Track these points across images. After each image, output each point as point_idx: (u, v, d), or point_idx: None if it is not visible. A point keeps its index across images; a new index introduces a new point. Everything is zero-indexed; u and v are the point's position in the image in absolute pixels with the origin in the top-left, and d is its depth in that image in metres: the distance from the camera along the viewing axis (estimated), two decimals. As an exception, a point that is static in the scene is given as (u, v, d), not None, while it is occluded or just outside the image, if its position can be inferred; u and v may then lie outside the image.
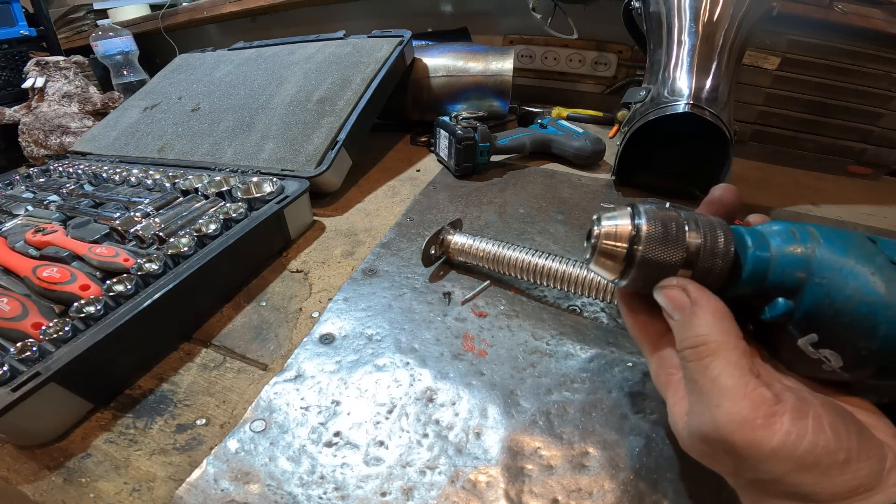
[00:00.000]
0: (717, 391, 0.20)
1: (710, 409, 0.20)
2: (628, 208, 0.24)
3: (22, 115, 0.79)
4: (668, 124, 0.51)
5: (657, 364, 0.25)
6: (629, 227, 0.23)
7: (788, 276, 0.21)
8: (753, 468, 0.19)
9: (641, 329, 0.27)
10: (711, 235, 0.22)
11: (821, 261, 0.21)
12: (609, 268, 0.24)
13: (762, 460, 0.19)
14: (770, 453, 0.18)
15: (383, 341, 0.37)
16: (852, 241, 0.21)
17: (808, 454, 0.18)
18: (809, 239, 0.22)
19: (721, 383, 0.20)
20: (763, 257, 0.22)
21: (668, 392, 0.24)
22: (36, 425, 0.29)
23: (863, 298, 0.19)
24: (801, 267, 0.21)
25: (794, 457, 0.18)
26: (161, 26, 1.14)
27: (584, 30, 0.82)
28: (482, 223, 0.53)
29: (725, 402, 0.19)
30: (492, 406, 0.31)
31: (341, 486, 0.27)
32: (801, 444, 0.18)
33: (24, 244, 0.43)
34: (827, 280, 0.20)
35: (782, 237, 0.22)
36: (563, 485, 0.27)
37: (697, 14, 0.52)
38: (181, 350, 0.37)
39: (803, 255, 0.21)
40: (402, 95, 0.76)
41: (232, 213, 0.45)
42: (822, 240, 0.21)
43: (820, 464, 0.18)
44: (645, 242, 0.23)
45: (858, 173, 0.67)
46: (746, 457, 0.19)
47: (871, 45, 0.62)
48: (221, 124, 0.66)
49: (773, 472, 0.19)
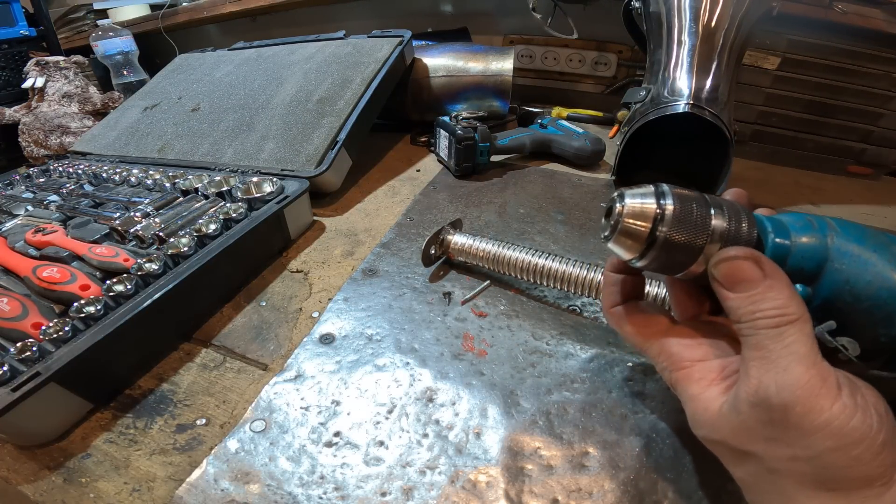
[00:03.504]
0: (789, 357, 0.20)
1: (778, 372, 0.20)
2: (652, 187, 0.23)
3: (22, 115, 0.79)
4: (668, 124, 0.51)
5: (666, 360, 0.25)
6: (654, 207, 0.22)
7: (808, 262, 0.21)
8: (796, 441, 0.19)
9: (640, 331, 0.27)
10: (736, 220, 0.22)
11: (839, 248, 0.21)
12: (629, 247, 0.23)
13: (811, 432, 0.19)
14: (823, 424, 0.18)
15: (383, 341, 0.37)
16: (868, 232, 0.21)
17: (855, 431, 0.18)
18: (827, 228, 0.22)
19: (794, 349, 0.20)
20: (783, 244, 0.22)
21: (689, 384, 0.24)
22: (36, 425, 0.29)
23: (883, 283, 0.20)
24: (820, 254, 0.21)
25: (841, 432, 0.18)
26: (161, 26, 1.14)
27: (584, 30, 0.82)
28: (482, 223, 0.53)
29: (796, 367, 0.19)
30: (492, 406, 0.31)
31: (341, 486, 0.27)
32: (851, 420, 0.18)
33: (24, 244, 0.43)
34: (846, 266, 0.21)
35: (801, 225, 0.22)
36: (563, 485, 0.27)
37: (697, 14, 0.52)
38: (181, 350, 0.37)
39: (822, 243, 0.21)
40: (402, 95, 0.76)
41: (232, 213, 0.45)
42: (840, 229, 0.22)
43: (861, 443, 0.18)
44: (670, 224, 0.22)
45: (858, 173, 0.67)
46: (797, 426, 0.19)
47: (871, 45, 0.62)
48: (221, 124, 0.66)
49: (815, 447, 0.19)
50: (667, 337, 0.26)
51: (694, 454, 0.28)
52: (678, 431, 0.29)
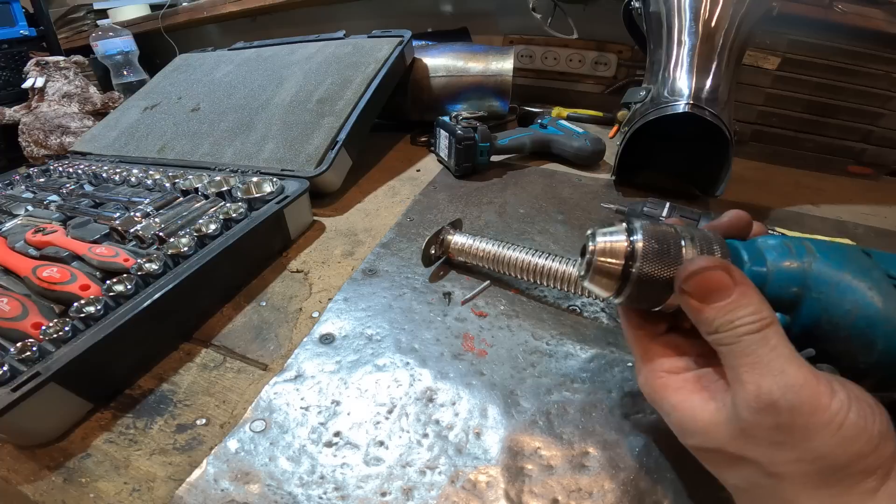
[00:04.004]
0: (780, 359, 0.20)
1: (776, 375, 0.19)
2: (623, 224, 0.24)
3: (22, 115, 0.79)
4: (669, 124, 0.51)
5: (648, 371, 0.25)
6: (625, 244, 0.23)
7: (785, 291, 0.21)
8: (801, 442, 0.19)
9: (633, 334, 0.27)
10: (707, 250, 0.22)
11: (818, 275, 0.21)
12: (605, 285, 0.24)
13: (817, 430, 0.19)
14: (826, 422, 0.18)
15: (383, 341, 0.37)
16: (848, 256, 0.21)
17: (854, 426, 0.18)
18: (805, 253, 0.21)
19: (781, 351, 0.20)
20: (759, 272, 0.22)
21: (668, 394, 0.24)
22: (36, 425, 0.29)
23: (861, 313, 0.19)
24: (797, 282, 0.21)
25: (842, 428, 0.18)
26: (161, 26, 1.14)
27: (584, 30, 0.82)
28: (482, 223, 0.53)
29: (789, 368, 0.19)
30: (492, 406, 0.31)
31: (341, 486, 0.27)
32: (849, 415, 0.18)
33: (24, 244, 0.43)
34: (824, 295, 0.20)
35: (778, 251, 0.22)
36: (563, 485, 0.27)
37: (697, 14, 0.52)
38: (181, 350, 0.37)
39: (800, 269, 0.21)
40: (402, 95, 0.76)
41: (232, 213, 0.45)
42: (819, 254, 0.21)
43: (861, 437, 0.18)
44: (641, 259, 0.22)
45: (858, 173, 0.67)
46: (803, 427, 0.19)
47: (871, 45, 0.62)
48: (221, 124, 0.66)
49: (820, 446, 0.19)
50: (653, 343, 0.26)
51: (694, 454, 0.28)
52: (678, 431, 0.29)
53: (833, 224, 0.54)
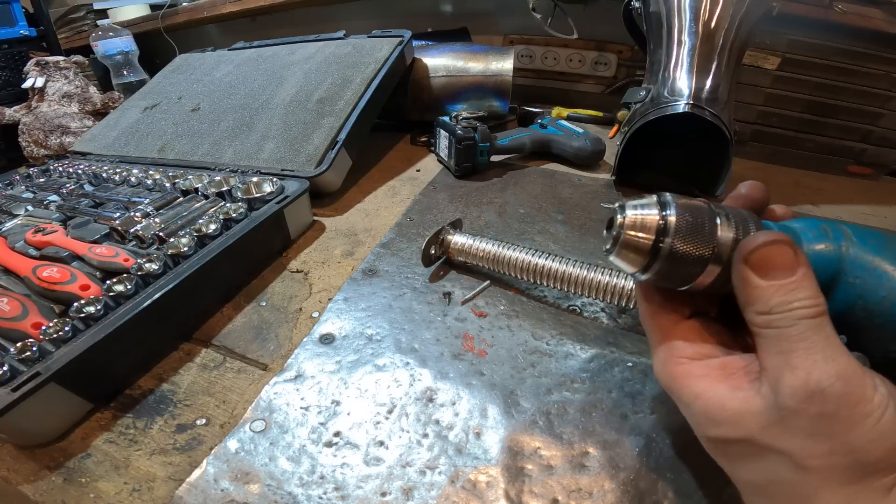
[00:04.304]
0: (832, 347, 0.19)
1: (828, 362, 0.19)
2: (654, 196, 0.22)
3: (22, 115, 0.79)
4: (669, 124, 0.51)
5: (667, 356, 0.24)
6: (657, 218, 0.21)
7: (820, 274, 0.20)
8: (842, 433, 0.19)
9: (653, 317, 0.25)
10: (744, 229, 0.21)
11: (854, 260, 0.20)
12: (632, 260, 0.22)
13: (860, 421, 0.18)
14: (867, 413, 0.18)
15: (383, 341, 0.37)
16: (886, 241, 0.20)
17: (890, 422, 0.18)
18: (842, 237, 0.21)
19: (833, 340, 0.19)
20: None
21: (690, 380, 0.23)
22: (36, 425, 0.29)
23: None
24: (833, 265, 0.20)
25: (879, 425, 0.18)
26: (161, 26, 1.14)
27: (584, 30, 0.82)
28: (482, 223, 0.53)
29: (841, 357, 0.19)
30: (492, 406, 0.31)
31: (341, 486, 0.27)
32: (887, 410, 0.18)
33: (24, 244, 0.43)
34: (860, 280, 0.20)
35: (815, 233, 0.21)
36: (563, 485, 0.27)
37: (697, 14, 0.52)
38: (181, 350, 0.37)
39: (836, 253, 0.20)
40: (402, 95, 0.76)
41: (232, 213, 0.45)
42: (856, 238, 0.20)
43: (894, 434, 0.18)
44: (674, 235, 0.21)
45: (858, 173, 0.67)
46: (847, 417, 0.18)
47: (871, 45, 0.61)
48: (221, 124, 0.66)
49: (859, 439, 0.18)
50: (675, 327, 0.25)
51: (694, 454, 0.27)
52: (678, 431, 0.29)
53: (833, 224, 0.54)
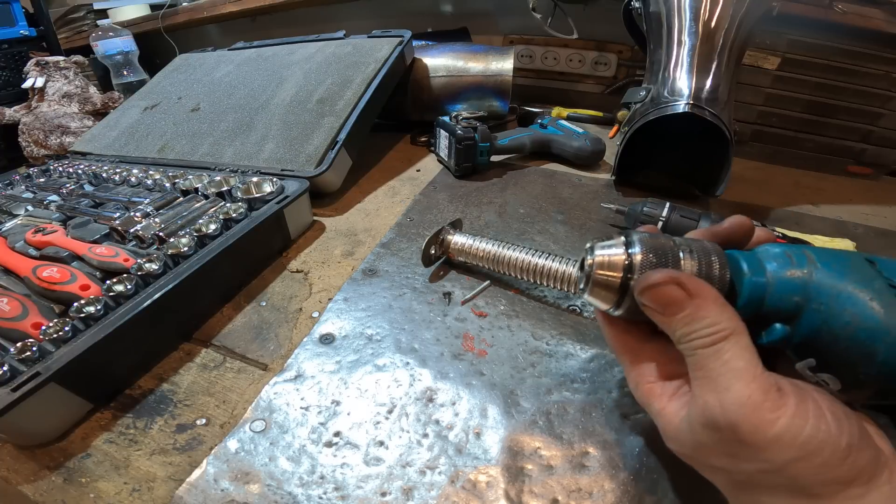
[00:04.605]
0: (728, 374, 0.20)
1: (720, 392, 0.20)
2: (622, 237, 0.24)
3: (22, 115, 0.79)
4: (669, 124, 0.51)
5: (637, 375, 0.26)
6: (622, 257, 0.23)
7: (785, 302, 0.21)
8: (754, 457, 0.19)
9: (620, 341, 0.27)
10: (706, 262, 0.23)
11: (818, 285, 0.20)
12: (604, 298, 0.24)
13: (765, 447, 0.19)
14: (774, 439, 0.18)
15: (383, 341, 0.37)
16: (850, 265, 0.21)
17: (812, 439, 0.18)
18: (806, 263, 0.21)
19: (732, 366, 0.20)
20: (759, 283, 0.22)
21: (653, 400, 0.24)
22: (36, 425, 0.29)
23: (861, 324, 0.19)
24: (798, 292, 0.21)
25: (796, 443, 0.18)
26: (161, 26, 1.14)
27: (584, 30, 0.82)
28: (482, 223, 0.53)
29: (736, 384, 0.19)
30: (492, 406, 0.31)
31: (341, 486, 0.27)
32: (804, 429, 0.18)
33: (24, 244, 0.43)
34: (825, 306, 0.20)
35: (779, 262, 0.22)
36: (563, 485, 0.27)
37: (697, 14, 0.52)
38: (181, 350, 0.37)
39: (800, 279, 0.21)
40: (402, 95, 0.76)
41: (232, 213, 0.45)
42: (820, 264, 0.21)
43: (822, 450, 0.18)
44: (639, 271, 0.23)
45: (858, 173, 0.67)
46: (750, 444, 0.19)
47: (871, 45, 0.62)
48: (221, 124, 0.66)
49: (775, 460, 0.19)
50: (640, 351, 0.26)
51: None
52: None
53: (833, 224, 0.54)
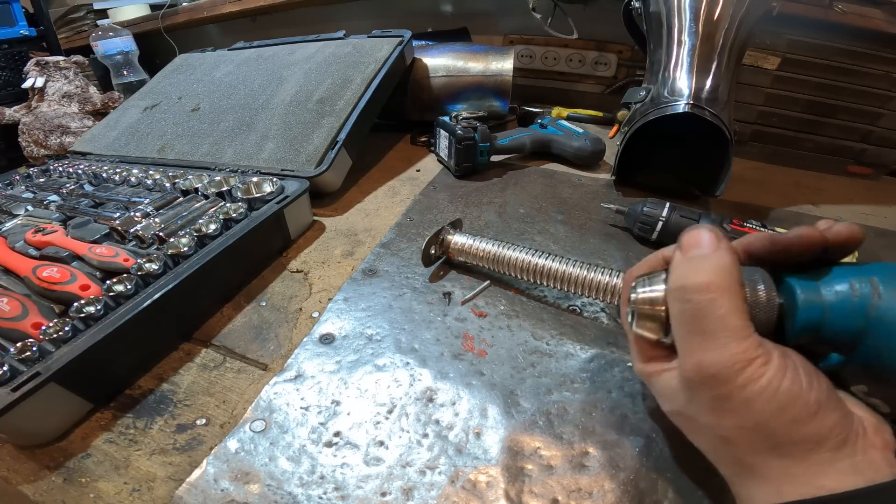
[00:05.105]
0: (725, 330, 0.20)
1: (717, 348, 0.20)
2: (663, 273, 0.25)
3: (22, 115, 0.79)
4: (668, 124, 0.51)
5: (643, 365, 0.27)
6: (663, 291, 0.24)
7: (841, 335, 0.21)
8: (740, 410, 0.20)
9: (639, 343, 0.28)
10: (750, 288, 0.23)
11: (878, 320, 0.20)
12: (651, 329, 0.25)
13: (752, 400, 0.20)
14: (759, 391, 0.19)
15: (383, 341, 0.37)
16: None
17: (787, 392, 0.19)
18: (870, 294, 0.20)
19: (728, 322, 0.20)
20: (814, 313, 0.21)
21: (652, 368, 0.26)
22: (36, 425, 0.29)
23: None
24: (857, 325, 0.20)
25: (776, 395, 0.19)
26: (161, 26, 1.14)
27: (584, 30, 0.82)
28: (482, 223, 0.53)
29: (732, 342, 0.20)
30: (492, 406, 0.31)
31: (341, 486, 0.27)
32: (783, 381, 0.19)
33: (24, 244, 0.43)
34: (881, 342, 0.20)
35: (840, 291, 0.21)
36: (563, 485, 0.27)
37: (697, 14, 0.52)
38: (181, 350, 0.37)
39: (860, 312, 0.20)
40: (402, 95, 0.76)
41: (232, 213, 0.45)
42: (884, 295, 0.20)
43: (795, 403, 0.19)
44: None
45: (858, 173, 0.67)
46: (739, 397, 0.20)
47: (871, 45, 0.62)
48: (221, 124, 0.66)
49: (757, 414, 0.20)
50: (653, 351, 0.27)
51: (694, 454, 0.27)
52: (678, 431, 0.29)
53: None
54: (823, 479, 0.19)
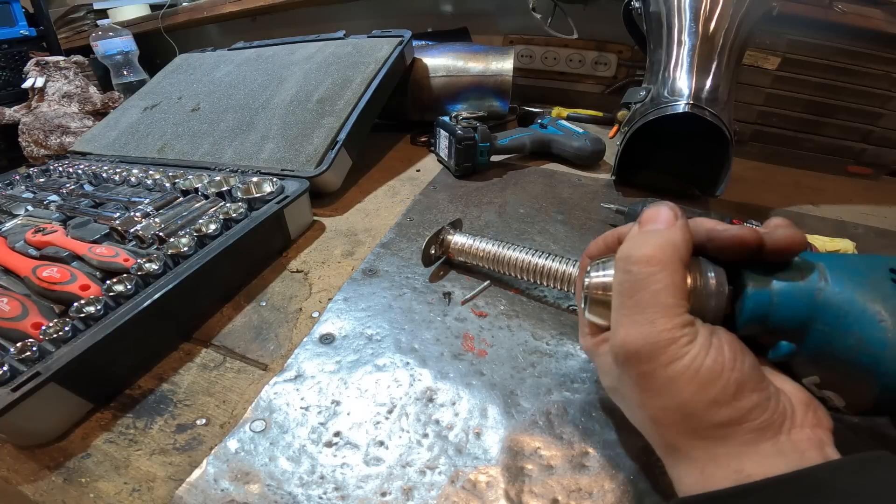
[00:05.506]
0: (656, 306, 0.20)
1: (645, 324, 0.20)
2: (612, 258, 0.25)
3: (22, 115, 0.79)
4: (668, 124, 0.51)
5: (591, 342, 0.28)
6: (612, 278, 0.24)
7: (790, 321, 0.21)
8: (663, 390, 0.20)
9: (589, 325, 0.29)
10: (702, 277, 0.23)
11: (826, 304, 0.20)
12: (604, 315, 0.25)
13: (675, 379, 0.19)
14: (682, 370, 0.19)
15: (383, 341, 0.37)
16: (867, 281, 0.20)
17: (709, 371, 0.19)
18: (817, 279, 0.20)
19: (660, 298, 0.20)
20: (762, 300, 0.21)
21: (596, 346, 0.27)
22: (36, 425, 0.29)
23: (864, 349, 0.19)
24: (804, 310, 0.20)
25: (698, 374, 0.19)
26: (161, 26, 1.14)
27: (584, 30, 0.82)
28: (482, 223, 0.53)
29: (660, 318, 0.20)
30: (492, 406, 0.31)
31: (341, 486, 0.27)
32: (705, 360, 0.19)
33: (24, 244, 0.43)
34: (829, 327, 0.20)
35: (788, 277, 0.21)
36: (563, 485, 0.27)
37: (697, 14, 0.52)
38: (181, 350, 0.37)
39: (807, 297, 0.20)
40: (402, 95, 0.76)
41: (232, 213, 0.45)
42: (831, 280, 0.20)
43: (715, 382, 0.19)
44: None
45: (858, 173, 0.67)
46: (662, 376, 0.20)
47: (871, 45, 0.62)
48: (221, 124, 0.66)
49: (680, 394, 0.19)
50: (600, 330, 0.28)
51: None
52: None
53: (833, 224, 0.54)
54: (745, 462, 0.18)
